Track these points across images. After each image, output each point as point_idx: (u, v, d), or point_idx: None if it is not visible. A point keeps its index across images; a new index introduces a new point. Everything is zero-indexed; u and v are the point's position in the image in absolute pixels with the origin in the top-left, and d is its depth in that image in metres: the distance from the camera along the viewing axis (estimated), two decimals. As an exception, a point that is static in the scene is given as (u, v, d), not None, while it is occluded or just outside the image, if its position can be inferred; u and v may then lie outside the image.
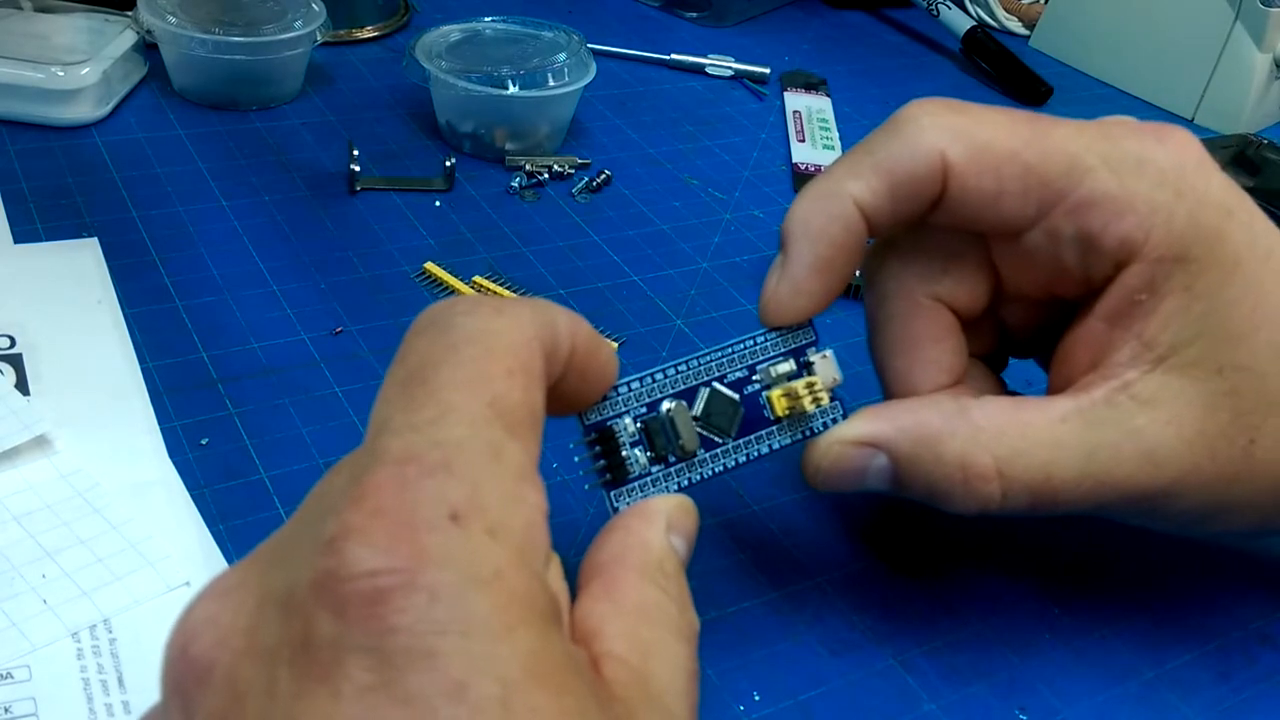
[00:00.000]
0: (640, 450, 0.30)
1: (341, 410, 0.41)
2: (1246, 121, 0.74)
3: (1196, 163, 0.31)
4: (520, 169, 0.57)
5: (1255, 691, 0.35)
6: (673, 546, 0.27)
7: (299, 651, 0.19)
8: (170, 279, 0.46)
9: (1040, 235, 0.32)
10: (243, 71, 0.58)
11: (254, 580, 0.21)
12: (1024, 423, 0.31)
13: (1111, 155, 0.31)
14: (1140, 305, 0.31)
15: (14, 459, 0.36)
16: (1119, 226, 0.30)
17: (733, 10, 0.80)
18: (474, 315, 0.24)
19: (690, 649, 0.25)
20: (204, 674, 0.20)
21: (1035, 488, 0.30)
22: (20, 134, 0.54)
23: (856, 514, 0.40)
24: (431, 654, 0.19)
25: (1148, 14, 0.77)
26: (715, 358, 0.31)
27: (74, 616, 0.32)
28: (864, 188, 0.31)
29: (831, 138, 0.66)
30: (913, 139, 0.31)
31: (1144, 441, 0.30)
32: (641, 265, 0.52)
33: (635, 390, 0.30)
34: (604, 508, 0.29)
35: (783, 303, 0.32)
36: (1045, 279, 0.33)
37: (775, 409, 0.32)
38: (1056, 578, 0.38)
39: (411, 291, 0.47)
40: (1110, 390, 0.31)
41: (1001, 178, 0.31)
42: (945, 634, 0.35)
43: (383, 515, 0.20)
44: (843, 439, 0.31)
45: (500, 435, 0.22)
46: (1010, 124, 0.31)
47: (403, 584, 0.19)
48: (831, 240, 0.31)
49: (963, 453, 0.30)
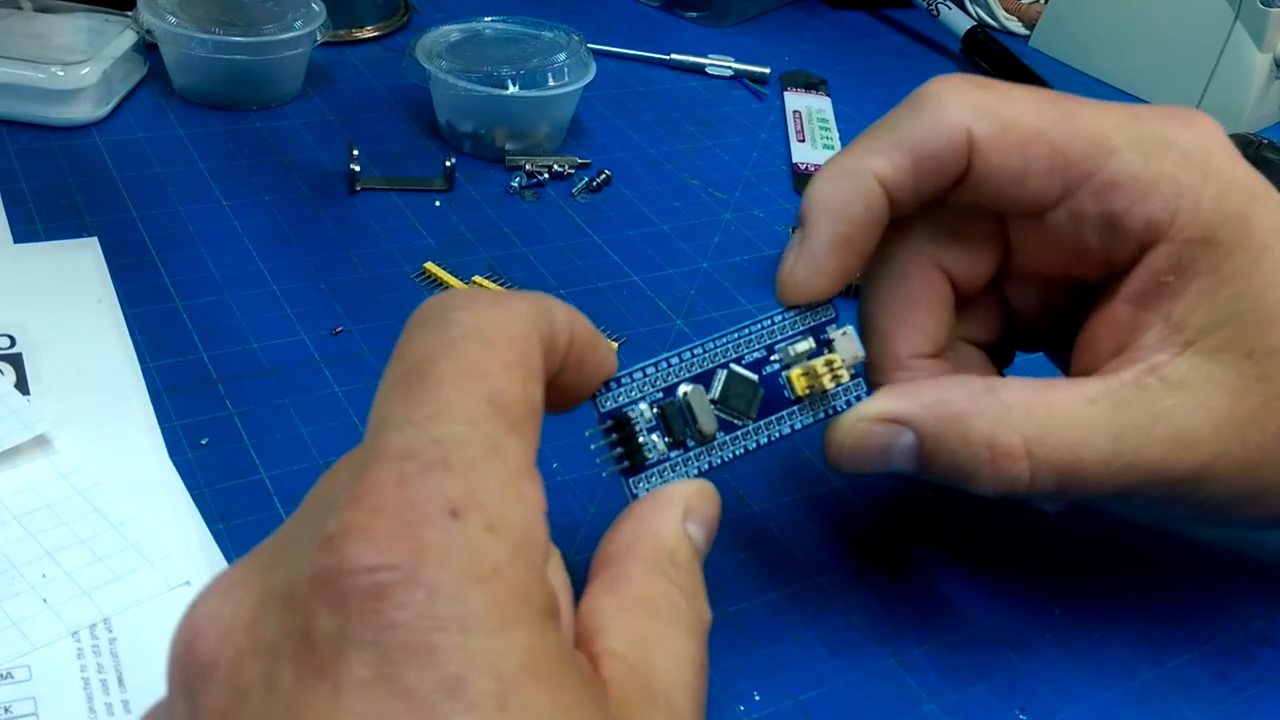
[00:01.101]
0: (658, 435, 0.29)
1: (341, 410, 0.41)
2: (1246, 121, 0.74)
3: (1222, 147, 0.31)
4: (520, 169, 0.57)
5: (1255, 691, 0.35)
6: (687, 535, 0.26)
7: (300, 647, 0.19)
8: (170, 279, 0.46)
9: (1063, 215, 0.31)
10: (243, 71, 0.58)
11: (256, 577, 0.21)
12: (1052, 403, 0.30)
13: (1138, 136, 0.31)
14: (1167, 287, 0.30)
15: (14, 459, 0.36)
16: (1144, 207, 0.30)
17: (733, 10, 0.80)
18: (471, 309, 0.24)
19: (698, 642, 0.25)
20: (208, 670, 0.20)
21: (1063, 469, 0.30)
22: (20, 134, 0.54)
23: (857, 514, 0.40)
24: (430, 649, 0.19)
25: (1148, 14, 0.77)
26: (732, 339, 0.31)
27: (74, 616, 0.32)
28: (887, 164, 0.31)
29: (831, 138, 0.66)
30: (937, 115, 0.31)
31: (1173, 424, 0.30)
32: (641, 265, 0.52)
33: (650, 375, 0.29)
34: (606, 506, 0.29)
35: (800, 282, 0.31)
36: (1065, 259, 0.33)
37: (795, 388, 0.31)
38: (1056, 578, 0.38)
39: (411, 291, 0.47)
40: (1139, 372, 0.30)
41: (1027, 156, 0.31)
42: (945, 634, 0.35)
43: (382, 512, 0.20)
44: (867, 416, 0.31)
45: (499, 431, 0.22)
46: (1036, 102, 0.31)
47: (402, 580, 0.19)
48: (852, 218, 0.31)
49: (990, 431, 0.30)
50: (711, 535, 0.28)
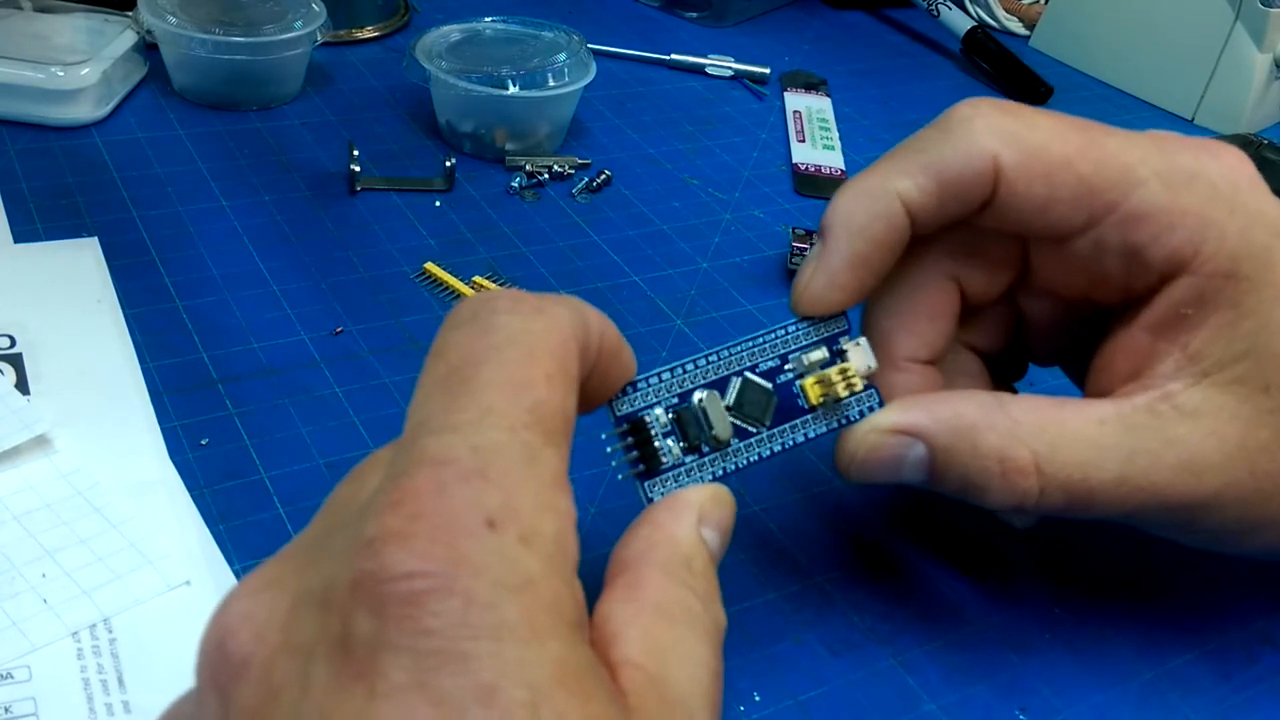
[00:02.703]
0: (673, 440, 0.30)
1: (341, 410, 0.41)
2: (1246, 121, 0.74)
3: (1250, 181, 0.31)
4: (520, 169, 0.57)
5: (1255, 691, 0.35)
6: (703, 540, 0.26)
7: (336, 649, 0.19)
8: (170, 279, 0.46)
9: (1086, 243, 0.31)
10: (243, 71, 0.58)
11: (289, 578, 0.21)
12: (1061, 421, 0.30)
13: (1165, 168, 0.31)
14: (1186, 319, 0.31)
15: (14, 458, 0.36)
16: (1169, 240, 0.30)
17: (733, 10, 0.80)
18: (516, 314, 0.24)
19: (714, 648, 0.25)
20: (240, 668, 0.20)
21: (1071, 486, 0.30)
22: (20, 134, 0.54)
23: (857, 514, 0.40)
24: (464, 657, 0.19)
25: (1148, 14, 0.77)
26: (746, 347, 0.31)
27: (74, 616, 0.32)
28: (912, 186, 0.31)
29: (831, 138, 0.66)
30: (965, 141, 0.31)
31: (1184, 451, 0.30)
32: (641, 265, 0.52)
33: (666, 381, 0.30)
34: (606, 505, 0.29)
35: (816, 295, 0.32)
36: (1084, 284, 0.33)
37: (809, 397, 0.31)
38: (1056, 578, 0.38)
39: (411, 291, 0.47)
40: (1152, 399, 0.31)
41: (1053, 185, 0.31)
42: (945, 634, 0.35)
43: (421, 520, 0.20)
44: (879, 427, 0.31)
45: (537, 441, 0.22)
46: (1063, 130, 0.31)
47: (439, 588, 0.19)
48: (873, 237, 0.31)
49: (1001, 446, 0.30)
50: (726, 540, 0.28)
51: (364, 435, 0.40)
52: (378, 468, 0.23)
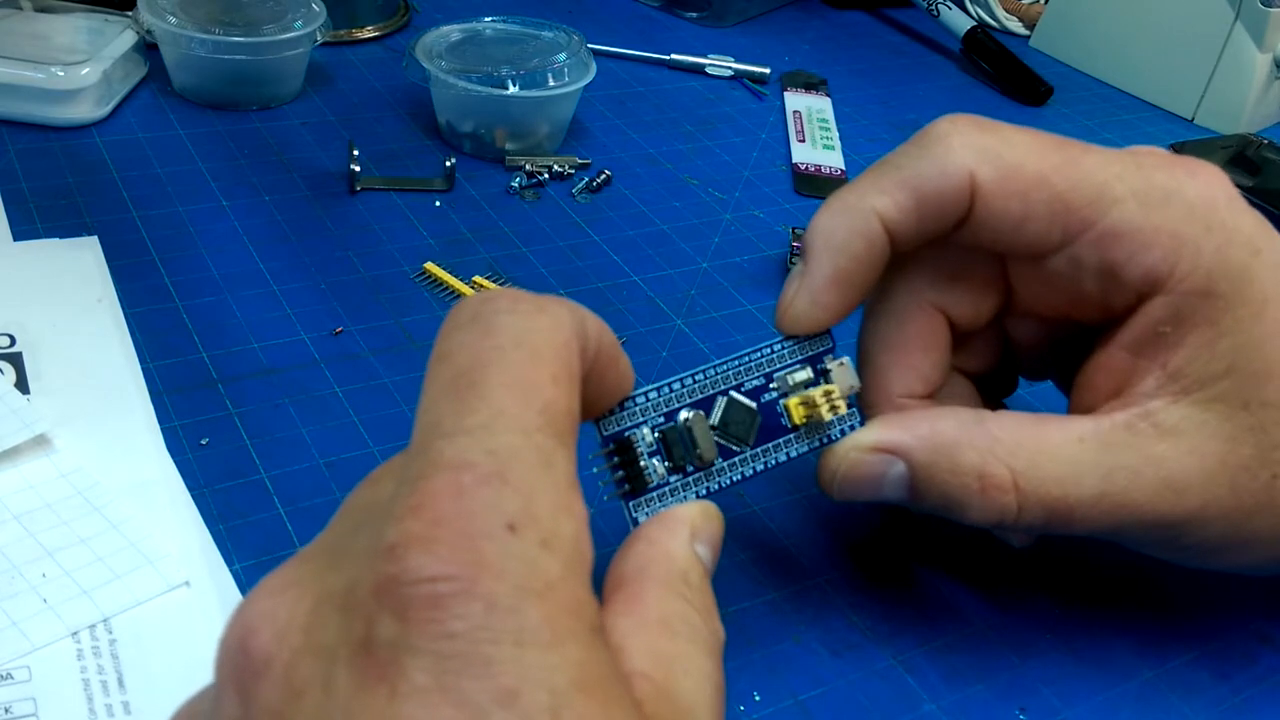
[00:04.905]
0: (658, 460, 0.30)
1: (341, 410, 0.41)
2: (1246, 121, 0.74)
3: (1227, 199, 0.31)
4: (520, 169, 0.57)
5: (1255, 691, 0.35)
6: (697, 556, 0.27)
7: (358, 651, 0.20)
8: (170, 279, 0.46)
9: (1063, 261, 0.32)
10: (243, 71, 0.58)
11: (310, 580, 0.21)
12: (1040, 438, 0.31)
13: (1141, 186, 0.31)
14: (1165, 337, 0.31)
15: (14, 458, 0.36)
16: (1144, 259, 0.30)
17: (733, 10, 0.80)
18: (517, 314, 0.24)
19: (716, 660, 0.25)
20: (262, 668, 0.20)
21: (1050, 504, 0.30)
22: (20, 134, 0.54)
23: (857, 514, 0.40)
24: (486, 661, 0.19)
25: (1148, 14, 0.77)
26: (732, 366, 0.31)
27: (74, 616, 0.32)
28: (889, 203, 0.31)
29: (831, 138, 0.66)
30: (942, 157, 0.31)
31: (1164, 469, 0.30)
32: (641, 265, 0.52)
33: (653, 400, 0.30)
34: (606, 507, 0.29)
35: (800, 313, 0.32)
36: (1063, 303, 0.33)
37: (793, 417, 0.31)
38: (1056, 578, 0.38)
39: (411, 291, 0.47)
40: (1131, 417, 0.31)
41: (1029, 202, 0.31)
42: (945, 634, 0.35)
43: (442, 524, 0.20)
44: (860, 445, 0.31)
45: (550, 443, 0.22)
46: (1040, 148, 0.31)
47: (462, 591, 0.19)
48: (853, 254, 0.31)
49: (980, 463, 0.30)
50: (717, 555, 0.28)
51: (364, 435, 0.40)
52: (394, 471, 0.23)
